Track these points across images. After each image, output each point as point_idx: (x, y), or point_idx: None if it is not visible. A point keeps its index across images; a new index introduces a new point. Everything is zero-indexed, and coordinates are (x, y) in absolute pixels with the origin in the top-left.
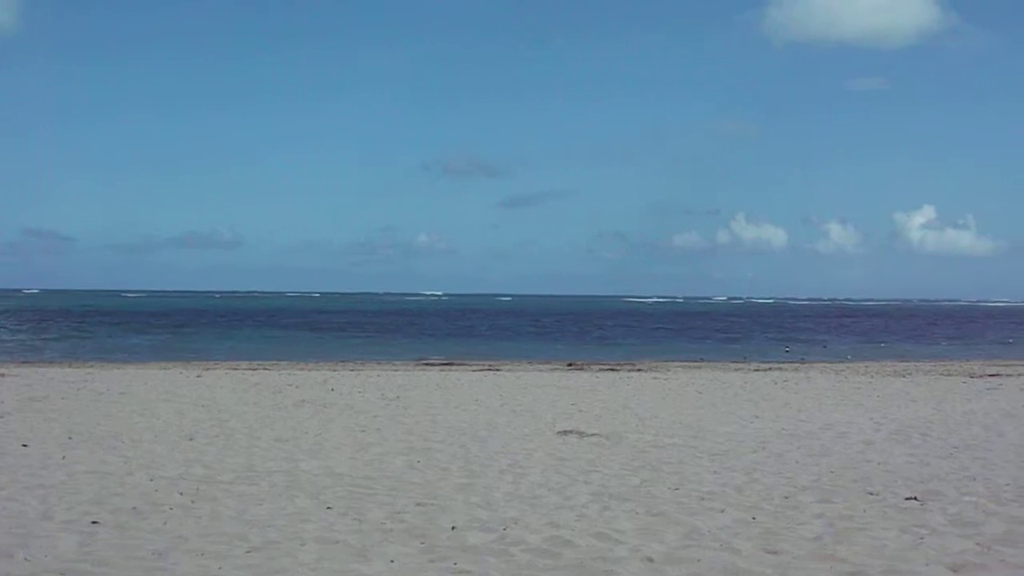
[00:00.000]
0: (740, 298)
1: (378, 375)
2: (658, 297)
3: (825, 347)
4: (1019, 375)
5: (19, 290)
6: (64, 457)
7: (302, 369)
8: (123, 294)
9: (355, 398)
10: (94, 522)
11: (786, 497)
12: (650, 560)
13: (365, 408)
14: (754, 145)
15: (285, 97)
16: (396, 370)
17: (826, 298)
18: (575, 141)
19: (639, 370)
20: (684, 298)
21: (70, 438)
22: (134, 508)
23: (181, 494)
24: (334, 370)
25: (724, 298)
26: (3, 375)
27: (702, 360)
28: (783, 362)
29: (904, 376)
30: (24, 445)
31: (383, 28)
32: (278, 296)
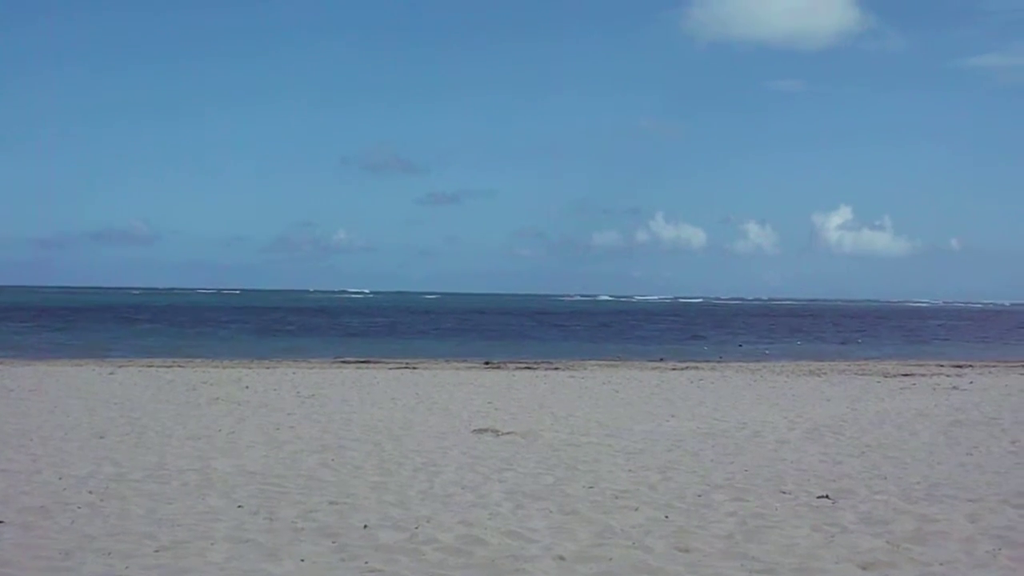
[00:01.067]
0: (659, 297)
1: (294, 373)
2: (579, 296)
3: (741, 346)
4: (932, 375)
5: None
6: None
7: (217, 367)
8: (36, 290)
9: (270, 396)
10: (0, 521)
11: (699, 495)
12: (562, 559)
13: (279, 406)
14: (674, 144)
15: (204, 92)
16: (312, 368)
17: (745, 297)
18: (495, 139)
19: (556, 369)
20: (605, 297)
21: None
22: (41, 507)
23: (90, 492)
24: (249, 368)
25: (644, 297)
26: None
27: (619, 359)
28: (700, 361)
29: (819, 375)
30: None
31: (304, 23)
32: (196, 292)
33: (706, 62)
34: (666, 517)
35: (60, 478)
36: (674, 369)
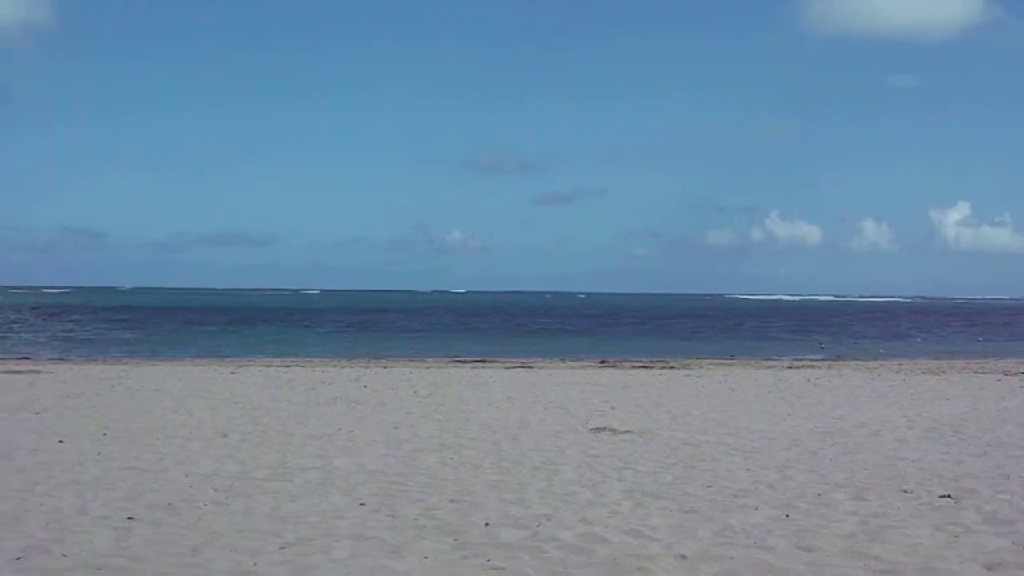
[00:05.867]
0: (773, 295)
1: (410, 372)
2: (691, 294)
3: (858, 344)
4: None
5: (54, 287)
6: (100, 453)
7: (335, 366)
8: (157, 291)
9: (388, 395)
10: (130, 518)
11: (819, 495)
12: (683, 557)
13: (398, 405)
14: (789, 141)
15: (321, 93)
16: (428, 367)
17: (860, 295)
18: (610, 138)
19: (671, 367)
20: (717, 295)
21: (105, 434)
22: (169, 504)
23: (215, 490)
24: (367, 367)
25: (757, 295)
26: (39, 372)
27: (734, 357)
28: (816, 359)
29: (938, 374)
30: (60, 441)
31: (419, 24)
32: (311, 293)
33: (823, 58)
34: (787, 516)
35: (186, 476)
36: (790, 367)
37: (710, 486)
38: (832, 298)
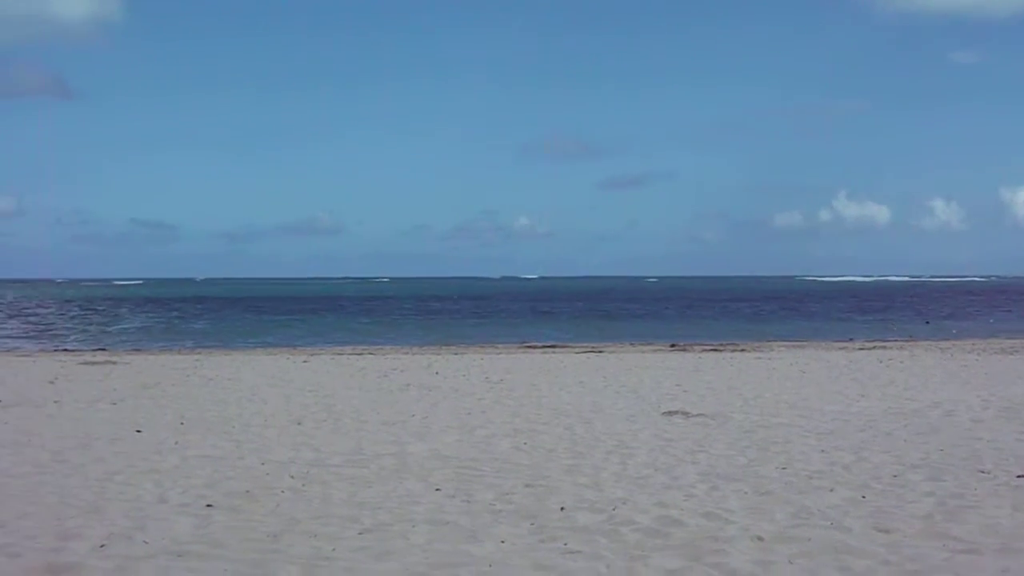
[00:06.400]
0: (844, 276)
1: (481, 358)
2: (760, 276)
3: (929, 324)
4: None
5: (126, 280)
6: (177, 442)
7: (406, 353)
8: (228, 282)
9: (460, 381)
10: (208, 505)
11: (895, 475)
12: (760, 539)
13: (470, 391)
14: (856, 121)
15: (388, 80)
16: (499, 353)
17: (931, 275)
18: (677, 121)
19: (742, 350)
20: (786, 277)
21: (182, 423)
22: (247, 491)
23: (292, 477)
24: (438, 354)
25: (827, 277)
26: (115, 363)
27: (805, 339)
28: (888, 340)
29: (1012, 353)
30: (138, 431)
31: (486, 9)
32: (381, 282)
33: (889, 36)
34: (863, 497)
35: (262, 463)
36: (862, 349)
37: (784, 468)
38: (907, 279)
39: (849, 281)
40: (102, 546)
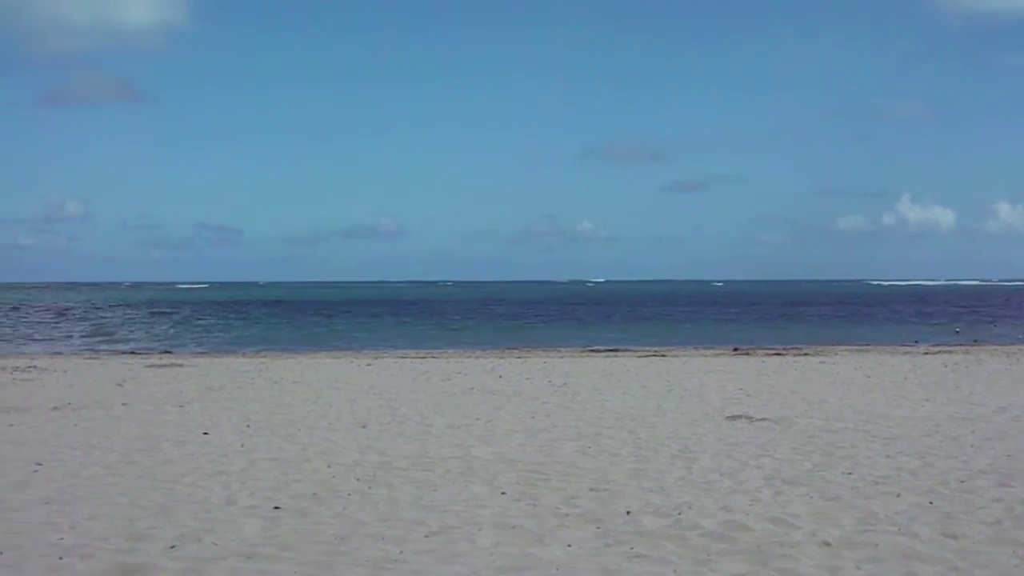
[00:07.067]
0: (910, 280)
1: (544, 362)
2: (823, 280)
3: (995, 327)
4: None
5: (190, 283)
6: (243, 445)
7: (469, 357)
8: (291, 285)
9: (523, 385)
10: (276, 507)
11: (962, 481)
12: (827, 544)
13: (533, 395)
14: (922, 123)
15: (449, 84)
16: (562, 357)
17: (1000, 279)
18: (740, 125)
19: (806, 355)
20: (850, 281)
21: (248, 426)
22: (314, 494)
23: (358, 480)
24: (501, 358)
25: (891, 280)
26: (181, 366)
27: (869, 344)
28: (953, 345)
29: None
30: (205, 433)
31: (546, 12)
32: (444, 285)
33: (952, 37)
34: (930, 503)
35: (328, 466)
36: (926, 353)
37: (850, 473)
38: (976, 282)
39: (915, 285)
40: (172, 547)
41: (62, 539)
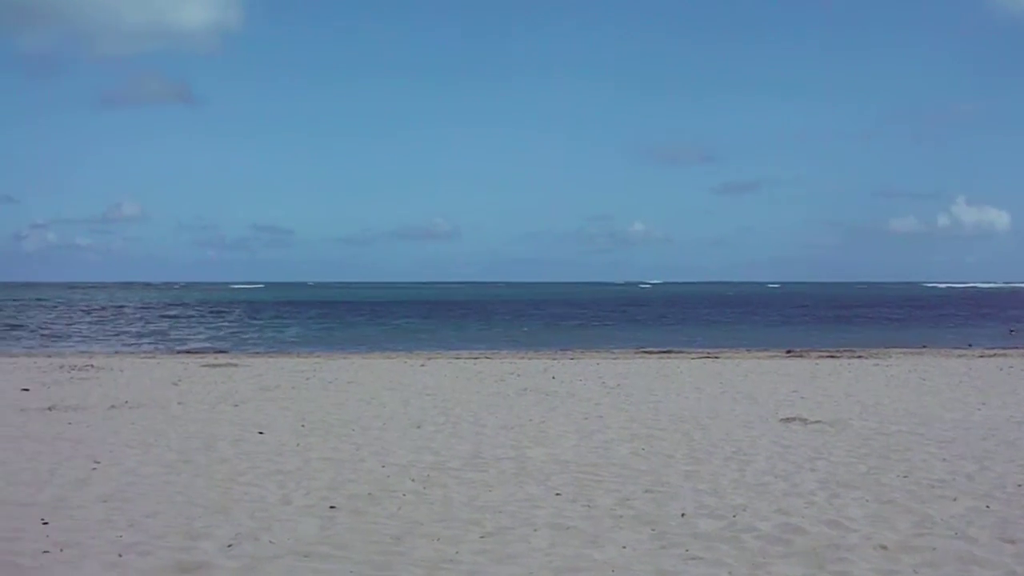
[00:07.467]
0: (965, 283)
1: (597, 363)
2: (876, 282)
3: None
4: None
5: (244, 283)
6: (298, 444)
7: (522, 358)
8: (344, 286)
9: (576, 386)
10: (332, 507)
11: (1020, 485)
12: (884, 548)
13: (587, 396)
14: (974, 125)
15: (500, 83)
16: (615, 358)
17: None
18: (791, 127)
19: (859, 357)
20: (903, 283)
21: (303, 426)
22: (369, 494)
23: (412, 480)
24: (554, 359)
25: (946, 283)
26: (235, 365)
27: (924, 347)
28: (1009, 348)
29: None
30: (260, 432)
31: (601, 15)
32: (495, 286)
33: (1006, 36)
34: (987, 507)
35: (383, 466)
36: (982, 356)
37: (906, 476)
38: None
39: (972, 287)
40: (229, 546)
41: (121, 536)
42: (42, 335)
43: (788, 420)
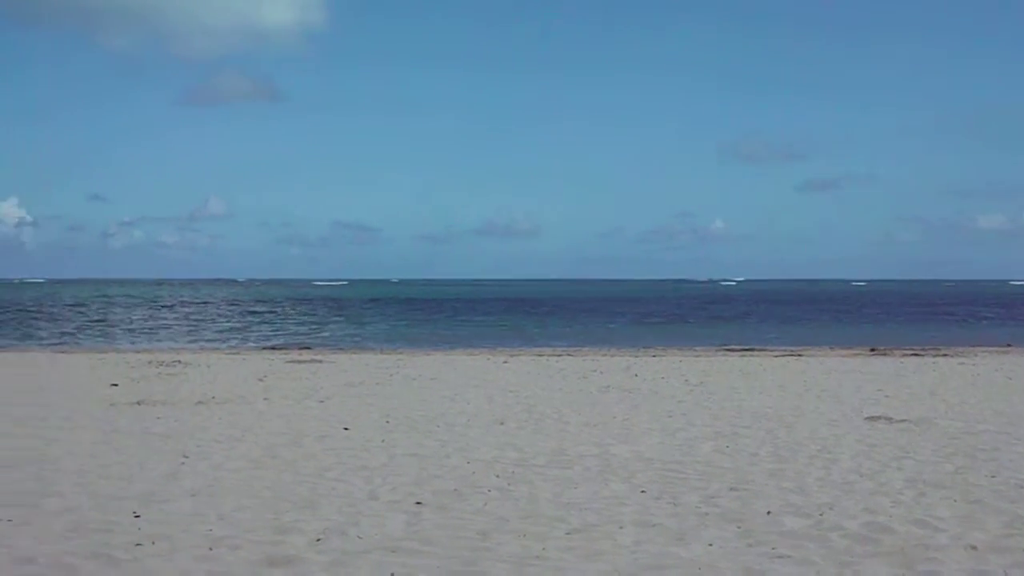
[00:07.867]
0: None
1: (680, 361)
2: (960, 280)
3: None
4: None
5: (327, 280)
6: (384, 440)
7: (605, 355)
8: (426, 283)
9: (659, 384)
10: (418, 503)
11: None
12: (974, 548)
13: (669, 394)
14: None
15: (582, 80)
16: (697, 356)
17: None
18: (873, 124)
19: (944, 355)
20: (988, 281)
21: (387, 422)
22: (455, 490)
23: (497, 476)
24: (636, 356)
25: None
26: (320, 361)
27: (1009, 345)
28: None
29: None
30: (345, 428)
31: (684, 13)
32: (575, 283)
33: None
34: None
35: (468, 462)
36: None
37: (994, 476)
38: None
39: None
40: (318, 540)
41: (211, 530)
42: (130, 331)
43: (873, 419)
